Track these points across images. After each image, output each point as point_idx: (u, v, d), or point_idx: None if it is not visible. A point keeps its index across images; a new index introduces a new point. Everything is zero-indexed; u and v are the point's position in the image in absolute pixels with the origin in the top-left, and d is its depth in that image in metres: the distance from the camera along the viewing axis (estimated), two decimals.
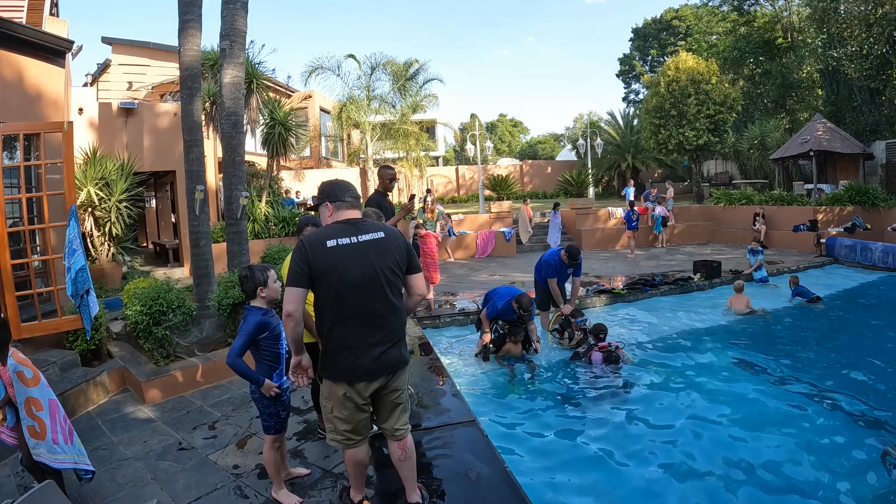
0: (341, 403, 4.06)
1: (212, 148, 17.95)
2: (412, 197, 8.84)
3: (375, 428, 4.50)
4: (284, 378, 4.70)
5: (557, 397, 8.02)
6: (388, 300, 4.07)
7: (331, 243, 3.91)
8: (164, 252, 18.38)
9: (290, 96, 32.16)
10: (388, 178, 7.93)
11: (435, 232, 13.12)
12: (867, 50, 26.38)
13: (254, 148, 23.57)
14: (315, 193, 5.04)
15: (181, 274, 15.92)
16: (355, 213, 4.21)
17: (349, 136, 34.35)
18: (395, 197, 29.69)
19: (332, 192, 4.22)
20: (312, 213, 4.64)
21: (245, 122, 18.02)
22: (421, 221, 12.64)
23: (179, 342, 8.37)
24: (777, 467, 5.95)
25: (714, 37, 43.21)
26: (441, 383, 7.50)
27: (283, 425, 4.76)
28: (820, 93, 31.02)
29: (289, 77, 48.33)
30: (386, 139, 31.10)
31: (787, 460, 6.10)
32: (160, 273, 15.16)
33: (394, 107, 30.94)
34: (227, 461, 5.52)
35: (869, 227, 20.46)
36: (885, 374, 8.75)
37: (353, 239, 3.99)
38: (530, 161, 47.67)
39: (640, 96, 59.55)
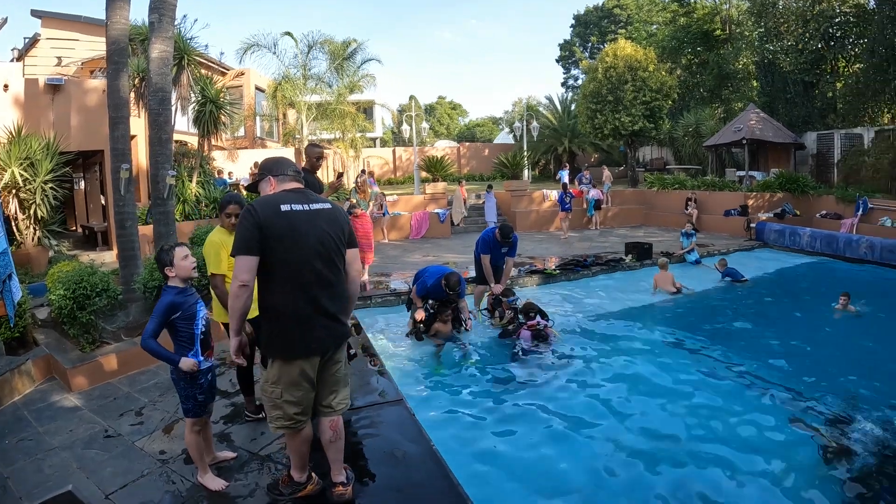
0: (294, 384, 3.98)
1: (143, 126, 17.40)
2: (340, 175, 8.82)
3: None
4: (200, 359, 4.60)
5: (487, 375, 8.10)
6: (338, 270, 4.11)
7: (285, 207, 3.87)
8: (93, 235, 17.82)
9: (224, 74, 31.47)
10: (314, 156, 7.93)
11: (366, 211, 13.08)
12: (803, 45, 27.15)
13: (186, 127, 23.09)
14: (249, 174, 5.01)
15: (110, 258, 15.40)
16: (299, 186, 4.21)
17: (285, 115, 33.82)
18: (326, 177, 29.34)
19: (275, 167, 4.23)
20: (246, 193, 4.59)
21: (175, 99, 17.70)
22: (353, 201, 12.56)
23: (106, 327, 8.21)
24: (699, 441, 6.15)
25: (654, 26, 43.83)
26: (370, 364, 7.55)
27: (202, 408, 4.67)
28: (755, 84, 31.70)
29: (221, 54, 47.50)
30: (322, 119, 30.65)
31: (709, 434, 6.32)
32: (88, 257, 14.79)
33: (330, 87, 30.53)
34: (154, 447, 5.46)
35: (798, 213, 21.14)
36: (806, 353, 9.29)
37: (306, 206, 3.98)
38: (468, 144, 47.72)
39: (579, 82, 59.95)
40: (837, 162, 24.43)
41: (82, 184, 21.34)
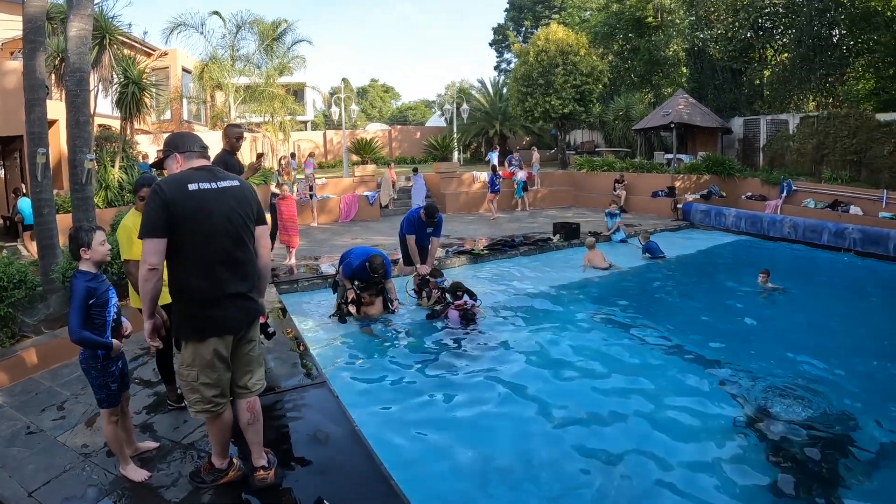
0: (209, 365, 3.92)
1: (64, 110, 16.82)
2: (260, 155, 8.72)
3: None
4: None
5: (414, 356, 8.13)
6: (248, 248, 4.06)
7: (192, 186, 3.80)
8: (14, 225, 17.25)
9: (149, 55, 30.34)
10: (234, 136, 7.82)
11: (292, 194, 12.93)
12: (732, 34, 28.01)
13: (111, 111, 22.39)
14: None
15: (33, 248, 14.96)
16: (206, 163, 4.12)
17: (212, 98, 33.16)
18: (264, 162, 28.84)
19: (182, 143, 4.13)
20: (155, 170, 4.46)
21: (97, 80, 17.10)
22: (274, 184, 12.44)
23: (25, 320, 7.91)
24: (626, 416, 6.30)
25: (587, 12, 44.03)
26: (295, 347, 7.45)
27: (116, 398, 4.53)
28: (684, 70, 32.41)
29: (145, 33, 46.17)
30: (251, 102, 30.15)
31: (635, 408, 6.46)
32: (6, 248, 14.20)
33: (259, 68, 30.08)
34: (77, 441, 5.30)
35: (724, 194, 21.86)
36: (727, 328, 9.70)
37: (214, 184, 3.91)
38: (399, 126, 47.66)
39: (512, 66, 59.97)
40: (763, 146, 25.16)
41: (2, 172, 20.53)
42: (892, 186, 18.20)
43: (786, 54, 27.43)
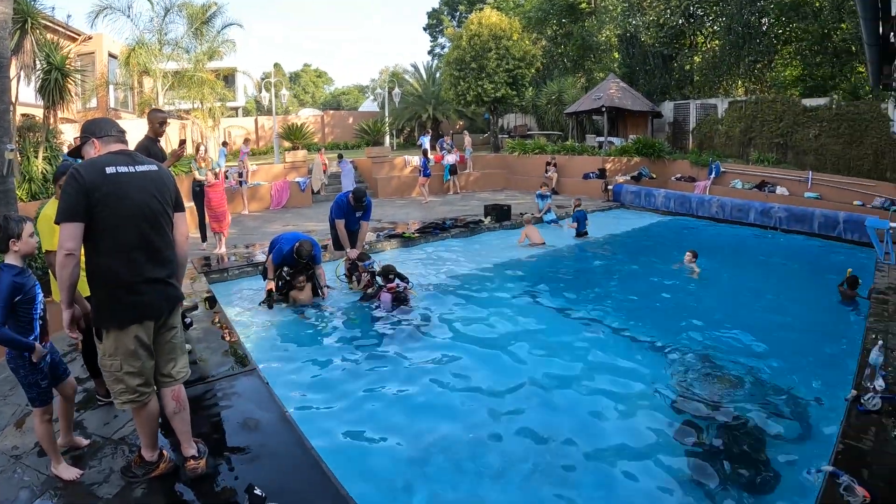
0: (132, 353, 3.86)
1: None
2: (182, 142, 8.33)
3: None
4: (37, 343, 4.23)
5: (346, 340, 8.04)
6: (166, 233, 4.01)
7: (110, 170, 3.73)
8: None
9: (74, 39, 29.01)
10: (157, 121, 7.49)
11: (208, 180, 12.45)
12: (664, 20, 28.73)
13: (33, 98, 21.37)
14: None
15: None
16: (124, 147, 4.04)
17: (140, 84, 32.03)
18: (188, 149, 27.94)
19: (98, 128, 4.04)
20: (74, 158, 4.15)
21: (18, 67, 16.27)
22: (196, 170, 12.03)
23: None
24: (558, 389, 6.39)
25: None
26: (224, 336, 7.29)
27: (47, 395, 4.35)
28: (616, 56, 32.86)
29: (69, 16, 44.44)
30: (179, 88, 29.20)
31: (567, 383, 6.57)
32: None
33: (188, 52, 29.14)
34: (6, 443, 5.03)
35: (654, 176, 22.29)
36: (655, 304, 9.89)
37: (132, 168, 3.85)
38: (332, 112, 46.85)
39: (445, 50, 59.99)
40: (693, 129, 25.75)
41: None
42: (817, 168, 19.08)
43: (716, 41, 28.23)
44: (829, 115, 19.83)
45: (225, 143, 24.40)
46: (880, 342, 5.90)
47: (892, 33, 7.72)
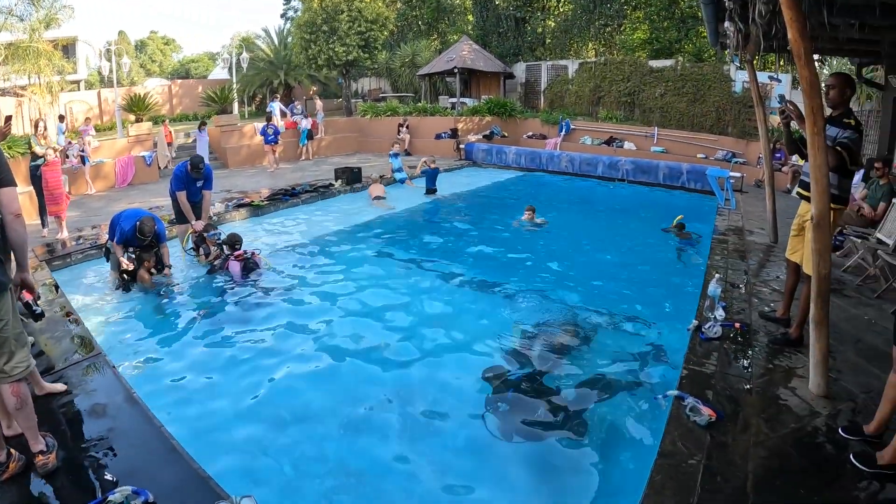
0: None
1: None
2: (8, 118, 7.58)
3: None
4: None
5: (197, 315, 7.70)
6: None
7: None
8: None
9: None
10: None
11: (48, 156, 11.59)
12: None
13: None
14: None
15: None
16: None
17: None
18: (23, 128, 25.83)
19: None
20: None
21: None
22: (35, 146, 11.19)
23: None
24: (411, 346, 6.49)
25: None
26: (69, 323, 6.80)
27: None
28: (470, 18, 33.41)
29: None
30: (13, 61, 27.03)
31: (419, 338, 6.69)
32: None
33: (22, 21, 26.98)
34: None
35: (506, 134, 22.91)
36: (499, 257, 10.25)
37: None
38: (180, 81, 44.79)
39: (299, 13, 58.81)
40: (544, 90, 26.46)
41: None
42: (662, 125, 20.44)
43: (568, 5, 29.13)
44: (675, 75, 21.15)
45: (62, 118, 22.93)
46: (717, 275, 6.43)
47: None
